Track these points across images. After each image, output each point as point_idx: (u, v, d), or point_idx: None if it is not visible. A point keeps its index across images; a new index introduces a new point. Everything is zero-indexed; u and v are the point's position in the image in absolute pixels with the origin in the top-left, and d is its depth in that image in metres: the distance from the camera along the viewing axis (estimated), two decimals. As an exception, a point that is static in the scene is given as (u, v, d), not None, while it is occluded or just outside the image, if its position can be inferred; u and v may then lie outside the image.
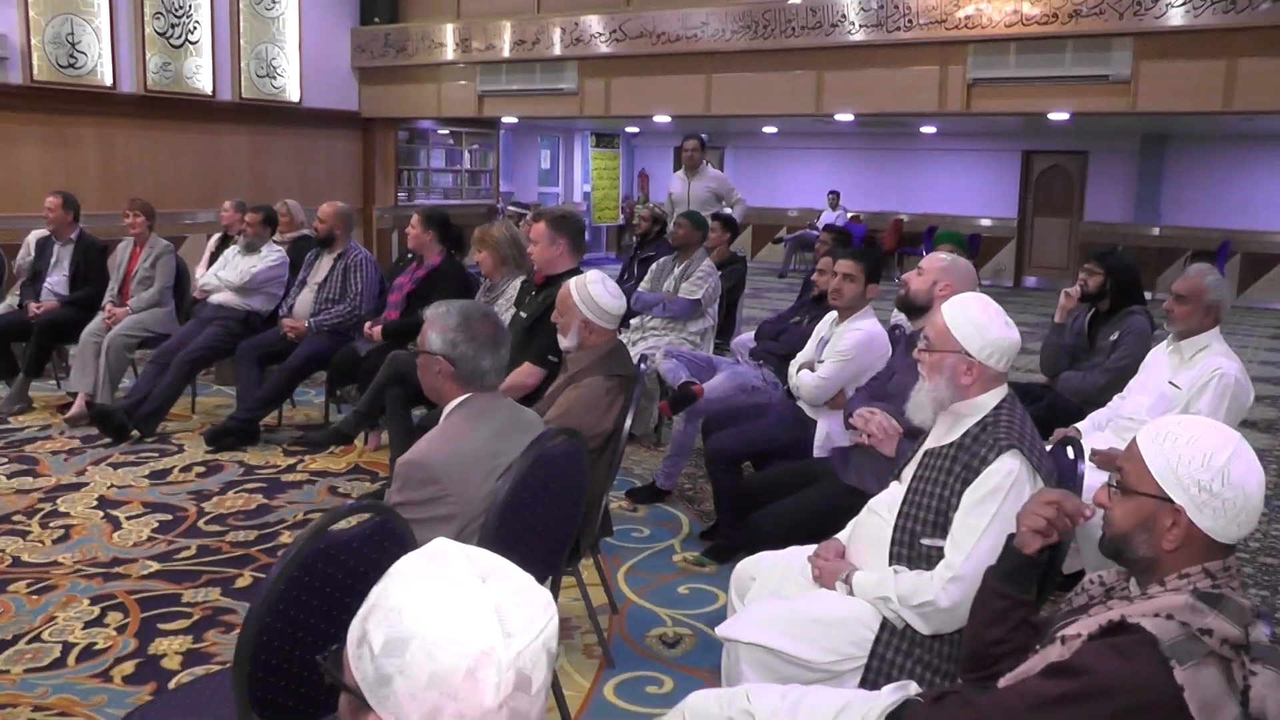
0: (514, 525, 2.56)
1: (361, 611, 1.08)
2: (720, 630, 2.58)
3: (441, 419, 2.71)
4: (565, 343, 3.68)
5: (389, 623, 1.04)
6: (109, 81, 9.69)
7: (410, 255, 6.13)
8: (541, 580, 1.27)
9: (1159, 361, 4.15)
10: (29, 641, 3.57)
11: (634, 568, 4.35)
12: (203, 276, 6.87)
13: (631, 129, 18.60)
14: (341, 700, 1.11)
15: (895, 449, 3.18)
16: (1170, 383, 3.98)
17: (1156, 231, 15.30)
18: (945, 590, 2.39)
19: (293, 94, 11.58)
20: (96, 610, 3.82)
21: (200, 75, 10.55)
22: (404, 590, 1.06)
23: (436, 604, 1.04)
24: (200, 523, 4.73)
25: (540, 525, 2.73)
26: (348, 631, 1.10)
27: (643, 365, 4.03)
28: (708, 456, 4.41)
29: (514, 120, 13.76)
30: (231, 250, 6.79)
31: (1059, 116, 9.24)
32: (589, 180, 18.44)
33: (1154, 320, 4.81)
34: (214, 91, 10.69)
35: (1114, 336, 4.79)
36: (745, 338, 6.37)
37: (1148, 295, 4.95)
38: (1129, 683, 1.61)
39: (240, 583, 4.08)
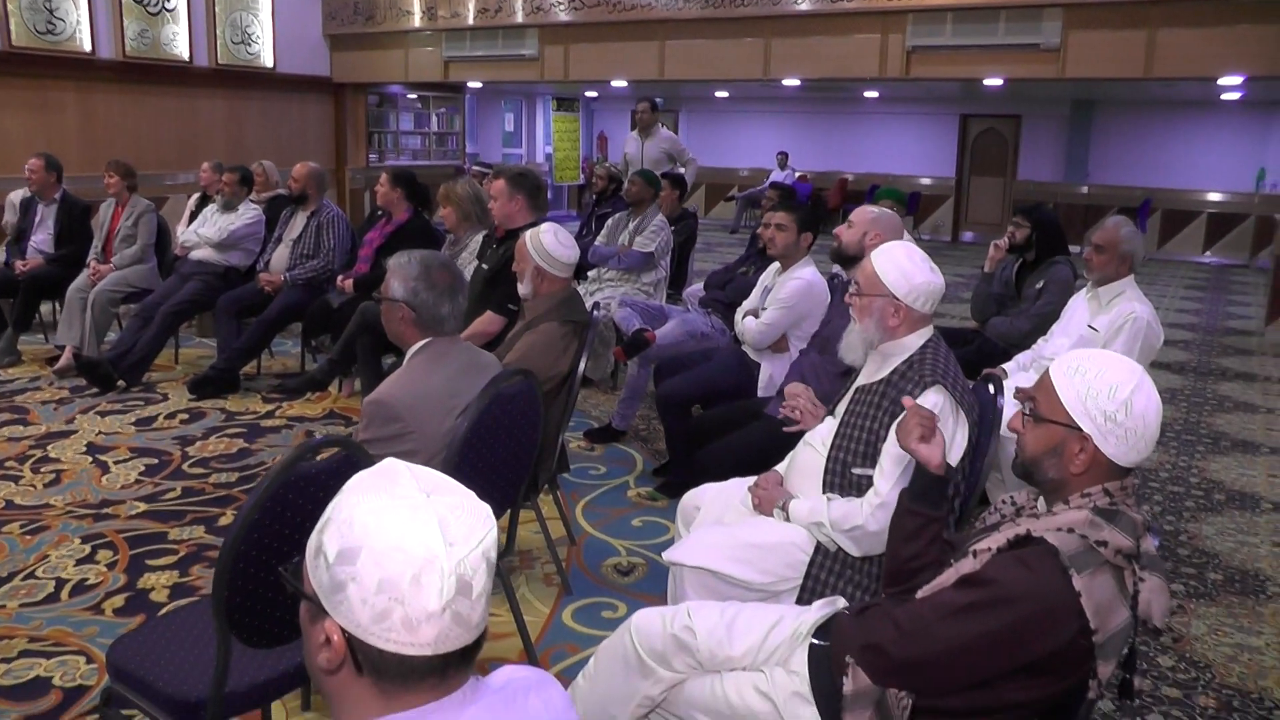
0: (473, 460, 2.59)
1: (318, 525, 1.10)
2: (667, 555, 2.62)
3: (404, 362, 2.73)
4: (522, 290, 3.70)
5: (342, 534, 1.07)
6: (88, 48, 9.45)
7: (380, 212, 6.12)
8: (500, 512, 1.29)
9: (1079, 307, 4.22)
10: (23, 578, 3.57)
11: (591, 503, 4.40)
12: (183, 234, 6.80)
13: (591, 93, 18.46)
14: (301, 608, 1.13)
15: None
16: (1089, 326, 4.05)
17: (1085, 190, 15.45)
18: (874, 515, 2.44)
19: (267, 60, 11.36)
20: (87, 549, 3.82)
21: (177, 42, 10.32)
22: (355, 504, 1.08)
23: (385, 516, 1.06)
24: (184, 466, 4.72)
25: (498, 460, 2.76)
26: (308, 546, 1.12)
27: (597, 313, 4.04)
28: (659, 399, 4.45)
29: (478, 85, 13.59)
30: (210, 209, 6.73)
31: (993, 82, 9.25)
32: (550, 142, 18.30)
33: (1076, 270, 4.88)
34: (191, 58, 10.47)
35: (1039, 285, 4.86)
36: (695, 288, 6.41)
37: (1075, 249, 5.01)
38: (1032, 590, 1.66)
39: (223, 521, 4.09)
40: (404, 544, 1.05)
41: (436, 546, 1.05)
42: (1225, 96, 13.02)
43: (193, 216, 7.17)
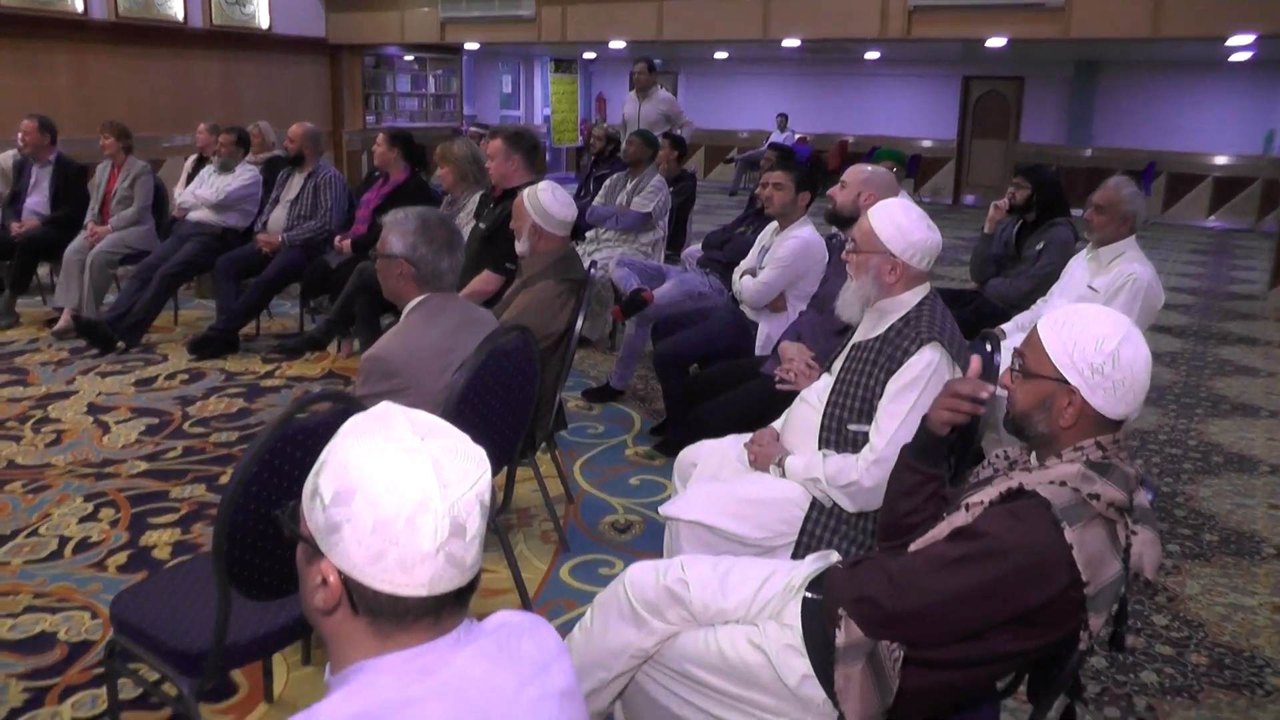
0: (469, 415, 2.60)
1: (314, 468, 1.12)
2: (663, 509, 2.64)
3: (401, 318, 2.74)
4: (519, 248, 3.71)
5: (337, 476, 1.08)
6: (80, 8, 9.37)
7: (376, 173, 6.11)
8: (497, 468, 1.30)
9: (1079, 268, 4.22)
10: (26, 536, 3.61)
11: (589, 461, 4.43)
12: (180, 195, 6.79)
13: (589, 55, 18.32)
14: (298, 550, 1.15)
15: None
16: (1089, 286, 4.05)
17: (1088, 153, 15.37)
18: (869, 471, 2.46)
19: (262, 21, 11.27)
20: (90, 507, 3.85)
21: (171, 2, 10.23)
22: (350, 447, 1.10)
23: (379, 458, 1.07)
24: (185, 426, 4.75)
25: (495, 416, 2.77)
26: (303, 490, 1.14)
27: (595, 272, 4.05)
28: (657, 358, 4.47)
29: (476, 46, 13.49)
30: (207, 170, 6.72)
31: (996, 43, 9.18)
32: (549, 104, 18.19)
33: (1077, 232, 4.88)
34: (185, 19, 10.38)
35: (1039, 246, 4.86)
36: (693, 249, 6.41)
37: (1077, 213, 5.01)
38: (1024, 542, 1.68)
39: (223, 479, 4.11)
40: (398, 485, 1.06)
41: (431, 488, 1.07)
42: (1234, 58, 12.92)
43: (190, 178, 7.15)
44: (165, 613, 2.19)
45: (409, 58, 13.82)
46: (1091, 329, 1.78)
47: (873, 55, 15.70)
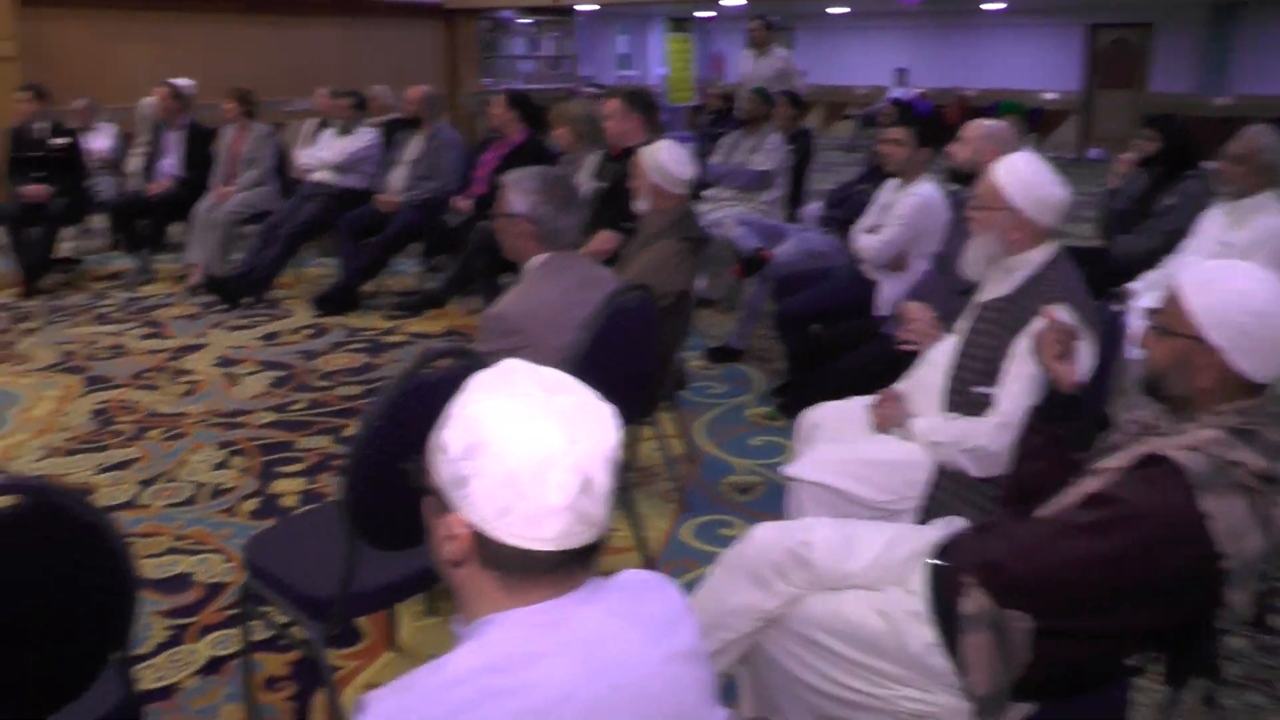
0: (590, 374, 2.56)
1: (441, 422, 1.12)
2: (786, 470, 2.61)
3: (522, 276, 2.74)
4: (638, 206, 3.69)
5: (466, 430, 1.08)
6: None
7: (494, 134, 6.14)
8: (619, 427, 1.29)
9: (1213, 223, 4.00)
10: (166, 481, 3.77)
11: (709, 421, 4.40)
12: (302, 157, 6.95)
13: (705, 13, 18.10)
14: (425, 504, 1.16)
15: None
16: (1224, 243, 3.84)
17: (1224, 101, 14.55)
18: (994, 435, 2.38)
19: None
20: (222, 455, 4.00)
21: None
22: (478, 401, 1.09)
23: (508, 413, 1.07)
24: (310, 379, 4.88)
25: (615, 375, 2.73)
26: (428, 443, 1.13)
27: (714, 231, 4.00)
28: (777, 318, 4.41)
29: (594, 8, 13.43)
30: (328, 133, 6.86)
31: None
32: (665, 64, 18.06)
33: (1210, 186, 4.62)
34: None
35: (1170, 201, 4.62)
36: (813, 207, 6.30)
37: (1210, 165, 4.74)
38: (1157, 510, 1.60)
39: (346, 431, 4.21)
40: (527, 440, 1.05)
41: (559, 443, 1.05)
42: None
43: (310, 141, 7.32)
44: (295, 559, 2.25)
45: (525, 20, 13.86)
46: (1235, 286, 1.68)
47: (993, 6, 15.14)
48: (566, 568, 1.11)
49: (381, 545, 2.06)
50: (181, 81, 7.06)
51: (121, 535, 1.63)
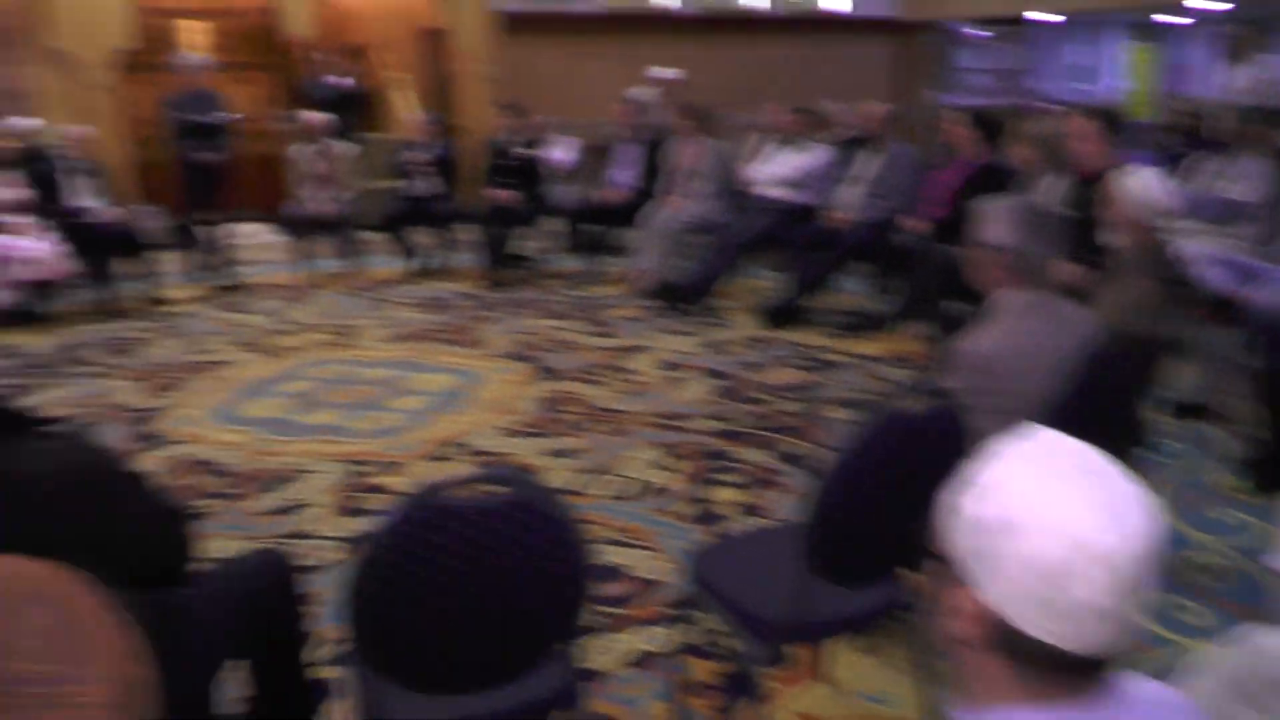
0: (1065, 427, 2.38)
1: (959, 485, 1.04)
2: (1268, 560, 2.25)
3: (996, 312, 2.58)
4: (1109, 239, 3.40)
5: (997, 502, 0.99)
6: (675, 3, 10.34)
7: (948, 151, 5.94)
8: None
9: None
10: (606, 473, 3.98)
11: (1167, 485, 3.94)
12: (750, 171, 7.13)
13: (1168, 18, 16.45)
14: (928, 569, 1.08)
15: None
16: None
17: None
18: None
19: (842, 3, 11.62)
20: (661, 455, 4.15)
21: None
22: (1011, 472, 1.01)
23: (1049, 492, 0.97)
24: (751, 390, 4.95)
25: (1091, 428, 2.53)
26: (939, 504, 1.06)
27: (1182, 268, 3.59)
28: (1264, 378, 3.86)
29: (1059, 19, 12.67)
30: (775, 147, 7.00)
31: None
32: (1122, 76, 16.68)
33: None
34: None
35: None
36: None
37: None
38: None
39: (784, 448, 4.21)
40: (1072, 529, 0.95)
41: (1108, 538, 0.94)
42: None
43: (757, 155, 7.49)
44: (744, 576, 2.26)
45: (980, 32, 13.43)
46: None
47: None
48: (1091, 672, 1.00)
49: (837, 580, 2.01)
50: (643, 93, 7.54)
51: (585, 537, 1.74)
